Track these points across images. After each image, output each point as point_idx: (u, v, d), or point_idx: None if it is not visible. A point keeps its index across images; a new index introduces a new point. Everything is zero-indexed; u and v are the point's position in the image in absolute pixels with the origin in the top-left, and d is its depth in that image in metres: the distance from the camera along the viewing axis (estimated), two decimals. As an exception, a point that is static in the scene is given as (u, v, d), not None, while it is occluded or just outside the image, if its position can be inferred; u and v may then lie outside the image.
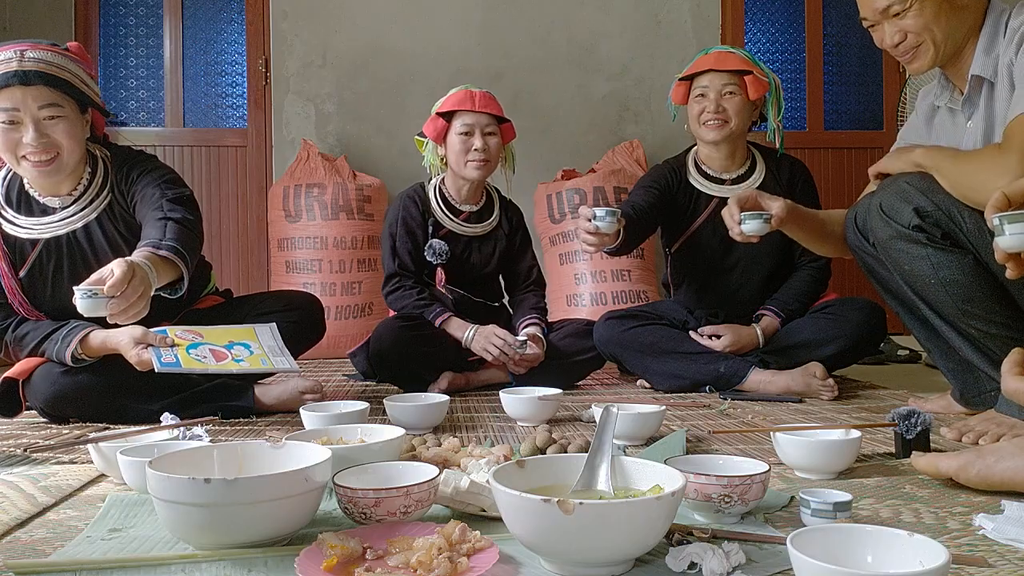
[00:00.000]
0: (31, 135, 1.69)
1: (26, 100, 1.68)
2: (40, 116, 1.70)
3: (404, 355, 2.17)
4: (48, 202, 1.83)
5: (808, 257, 2.34)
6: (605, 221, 1.88)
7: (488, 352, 2.18)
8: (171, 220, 1.72)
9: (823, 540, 0.76)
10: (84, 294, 1.43)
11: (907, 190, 1.62)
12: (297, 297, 2.13)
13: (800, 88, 4.09)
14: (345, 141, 3.78)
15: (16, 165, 1.75)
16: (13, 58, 1.67)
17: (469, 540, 0.85)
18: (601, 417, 1.05)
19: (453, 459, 1.22)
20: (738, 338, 2.22)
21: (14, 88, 1.67)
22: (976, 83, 1.64)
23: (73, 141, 1.75)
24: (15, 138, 1.70)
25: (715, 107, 2.25)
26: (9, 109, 1.68)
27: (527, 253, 2.50)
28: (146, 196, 1.80)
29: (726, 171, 2.38)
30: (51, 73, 1.71)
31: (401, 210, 2.34)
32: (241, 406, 1.86)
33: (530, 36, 3.86)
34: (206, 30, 3.90)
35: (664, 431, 1.56)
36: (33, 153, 1.71)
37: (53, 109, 1.71)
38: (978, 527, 0.98)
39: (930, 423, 1.39)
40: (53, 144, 1.72)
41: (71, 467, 1.35)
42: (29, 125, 1.69)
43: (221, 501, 0.86)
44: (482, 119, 2.28)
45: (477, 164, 2.27)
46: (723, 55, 2.30)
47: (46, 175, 1.75)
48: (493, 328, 2.21)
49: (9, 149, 1.72)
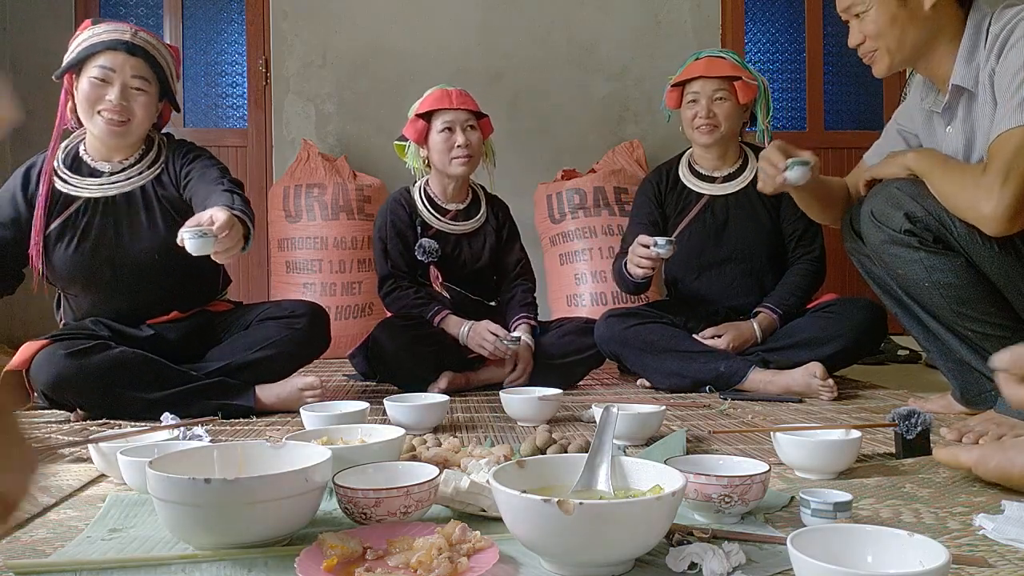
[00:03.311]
0: (115, 94, 1.87)
1: (124, 66, 1.89)
2: (130, 83, 1.89)
3: (403, 355, 2.17)
4: (98, 166, 1.97)
5: (802, 251, 2.38)
6: (665, 249, 2.11)
7: (483, 348, 2.19)
8: (236, 194, 1.86)
9: (823, 540, 0.76)
10: (195, 233, 1.55)
11: (897, 196, 1.63)
12: (304, 304, 2.13)
13: (800, 88, 4.09)
14: (345, 141, 3.78)
15: (90, 118, 1.90)
16: (127, 31, 1.92)
17: (469, 540, 0.85)
18: (601, 417, 1.05)
19: (453, 459, 1.22)
20: (739, 334, 2.25)
21: (119, 52, 1.88)
22: (956, 92, 1.62)
23: (146, 115, 1.94)
24: (100, 94, 1.88)
25: (706, 112, 2.33)
26: (107, 68, 1.88)
27: (515, 246, 2.52)
28: (206, 175, 1.95)
29: (717, 170, 2.46)
30: (152, 54, 1.93)
31: (389, 214, 2.36)
32: (242, 405, 1.86)
33: (530, 36, 3.86)
34: (206, 30, 3.90)
35: (664, 431, 1.56)
36: (109, 111, 1.88)
37: (142, 82, 1.91)
38: (978, 527, 0.98)
39: (930, 423, 1.39)
40: (129, 110, 1.90)
41: (71, 467, 1.35)
42: (117, 86, 1.88)
43: (221, 501, 0.86)
44: (461, 115, 2.30)
45: (462, 160, 2.29)
46: (713, 61, 2.35)
47: (112, 135, 1.91)
48: (486, 324, 2.22)
49: (90, 102, 1.88)
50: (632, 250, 2.18)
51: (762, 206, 2.40)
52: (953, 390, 1.82)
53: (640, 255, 2.15)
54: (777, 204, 2.40)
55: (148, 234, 1.93)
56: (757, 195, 2.39)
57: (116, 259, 1.92)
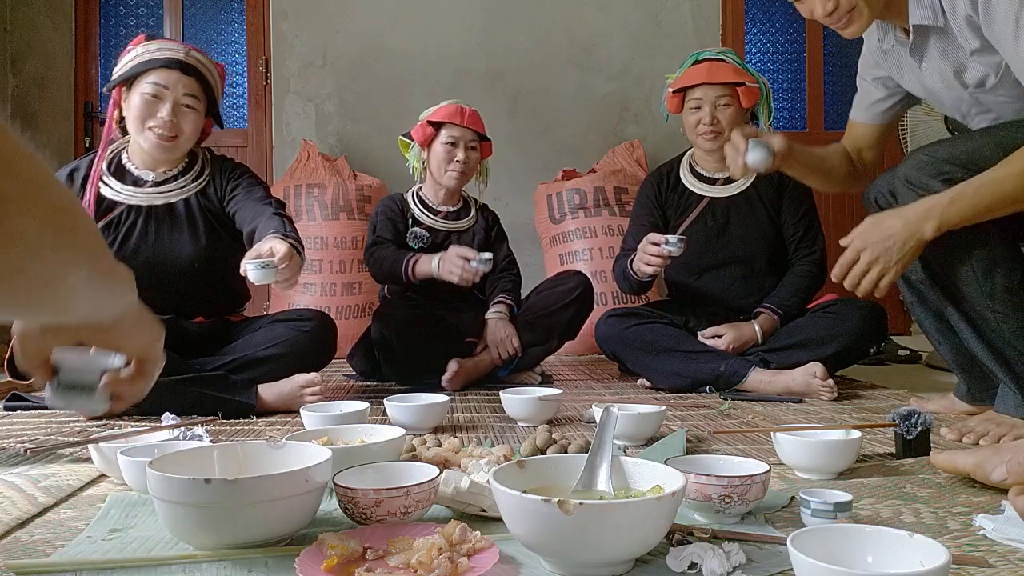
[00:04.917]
0: (167, 111, 1.93)
1: (177, 84, 1.94)
2: (181, 100, 1.95)
3: (407, 335, 2.21)
4: (142, 175, 2.03)
5: (802, 253, 2.38)
6: (676, 247, 2.11)
7: (453, 274, 2.21)
8: (286, 218, 1.92)
9: (823, 540, 0.76)
10: (258, 265, 1.60)
11: (928, 161, 1.55)
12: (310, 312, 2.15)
13: (800, 88, 4.10)
14: (345, 141, 3.78)
15: (140, 132, 1.95)
16: (180, 49, 1.98)
17: (469, 540, 0.85)
18: (601, 417, 1.05)
19: (453, 459, 1.22)
20: (739, 335, 2.25)
21: (173, 70, 1.94)
22: (921, 31, 1.58)
23: (194, 131, 2.00)
24: (152, 110, 1.93)
25: (710, 120, 2.33)
26: (160, 85, 1.93)
27: (503, 246, 2.61)
28: (250, 193, 2.02)
29: (719, 171, 2.45)
30: (204, 73, 2.00)
31: (381, 206, 2.50)
32: (243, 402, 1.86)
33: (530, 36, 3.86)
34: (206, 30, 3.90)
35: (664, 431, 1.56)
36: (160, 127, 1.93)
37: (192, 100, 1.97)
38: (978, 527, 0.98)
39: (930, 423, 1.39)
40: (178, 127, 1.96)
41: (71, 467, 1.35)
42: (169, 103, 1.93)
43: (221, 501, 0.86)
44: (468, 134, 2.44)
45: (456, 174, 2.43)
46: (715, 66, 2.33)
47: (161, 150, 1.96)
48: (455, 248, 2.26)
49: (141, 117, 1.93)
50: (642, 248, 2.18)
51: (763, 208, 2.40)
52: (958, 386, 1.81)
53: (651, 253, 2.15)
54: (778, 206, 2.40)
55: (190, 244, 2.00)
56: (758, 197, 2.40)
57: (156, 264, 1.96)
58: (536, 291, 2.49)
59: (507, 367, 2.38)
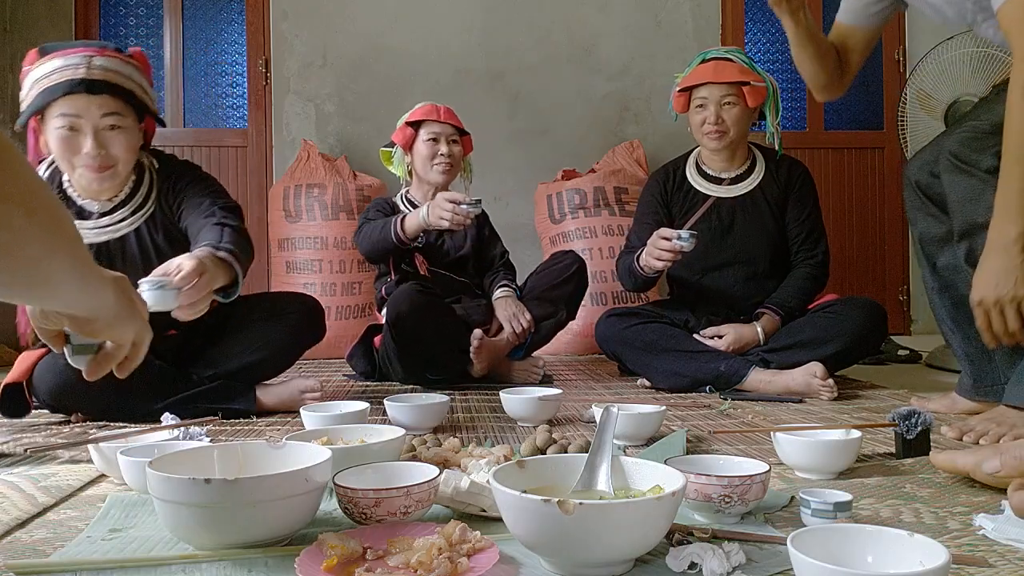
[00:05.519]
0: (90, 146, 1.69)
1: (90, 108, 1.68)
2: (101, 125, 1.70)
3: (422, 315, 2.20)
4: (86, 205, 1.82)
5: (804, 255, 2.37)
6: (688, 242, 2.10)
7: (443, 220, 2.20)
8: (227, 226, 1.72)
9: (823, 540, 0.76)
10: (152, 285, 1.36)
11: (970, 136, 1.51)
12: (296, 298, 2.12)
13: (800, 88, 4.09)
14: (345, 141, 3.78)
15: (71, 170, 1.75)
16: (81, 64, 1.66)
17: (469, 540, 0.85)
18: (601, 417, 1.05)
19: (453, 459, 1.22)
20: (740, 336, 2.24)
21: (79, 95, 1.66)
22: None
23: (130, 153, 1.77)
24: (73, 145, 1.70)
25: (715, 118, 2.32)
26: (71, 116, 1.67)
27: (496, 243, 2.65)
28: (196, 204, 1.81)
29: (725, 171, 2.44)
30: (117, 83, 1.70)
31: (373, 204, 2.57)
32: (242, 408, 1.86)
33: (530, 36, 3.86)
34: (206, 30, 3.90)
35: (664, 431, 1.56)
36: (88, 164, 1.71)
37: (115, 118, 1.71)
38: (978, 527, 0.98)
39: (931, 423, 1.39)
40: (109, 157, 1.73)
41: (71, 467, 1.35)
42: (88, 134, 1.69)
43: (221, 501, 0.86)
44: (447, 128, 2.49)
45: (443, 168, 2.47)
46: (721, 65, 2.32)
47: (98, 181, 1.75)
48: (442, 194, 2.26)
49: (66, 156, 1.71)
50: (652, 243, 2.17)
51: (768, 209, 2.39)
52: (962, 380, 1.80)
53: (662, 247, 2.13)
54: (783, 207, 2.40)
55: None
56: (764, 198, 2.39)
57: None
58: (534, 273, 2.54)
59: (522, 347, 2.41)
